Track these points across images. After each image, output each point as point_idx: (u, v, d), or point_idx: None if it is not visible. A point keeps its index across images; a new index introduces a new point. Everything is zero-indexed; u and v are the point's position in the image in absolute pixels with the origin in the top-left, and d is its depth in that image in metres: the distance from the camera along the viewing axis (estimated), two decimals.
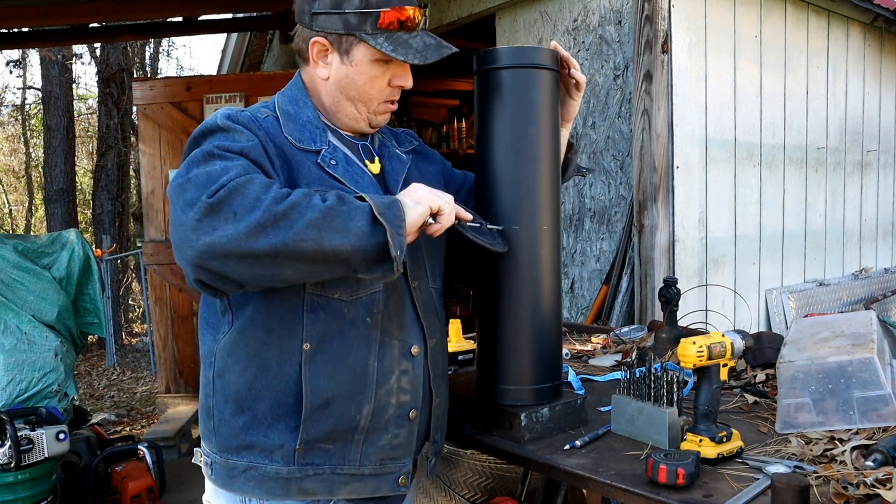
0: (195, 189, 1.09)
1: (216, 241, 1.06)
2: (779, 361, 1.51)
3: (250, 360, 1.27)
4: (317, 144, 1.31)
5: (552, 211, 1.48)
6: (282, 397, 1.26)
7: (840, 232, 4.16)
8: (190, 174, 1.13)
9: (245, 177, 1.10)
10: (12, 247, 3.59)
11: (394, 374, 1.32)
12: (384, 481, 1.33)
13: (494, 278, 1.48)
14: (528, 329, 1.47)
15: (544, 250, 1.47)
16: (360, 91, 1.33)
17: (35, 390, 3.40)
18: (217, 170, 1.12)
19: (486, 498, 2.59)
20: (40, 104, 11.59)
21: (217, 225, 1.06)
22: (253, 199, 1.08)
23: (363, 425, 1.29)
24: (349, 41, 1.30)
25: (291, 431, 1.26)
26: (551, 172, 1.48)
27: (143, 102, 4.86)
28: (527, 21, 3.57)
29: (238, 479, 1.28)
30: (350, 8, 1.27)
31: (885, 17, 4.11)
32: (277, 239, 1.07)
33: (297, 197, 1.11)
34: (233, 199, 1.07)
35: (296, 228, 1.08)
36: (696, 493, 1.19)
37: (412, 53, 1.29)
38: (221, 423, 1.30)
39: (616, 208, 3.23)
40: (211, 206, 1.06)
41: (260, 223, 1.06)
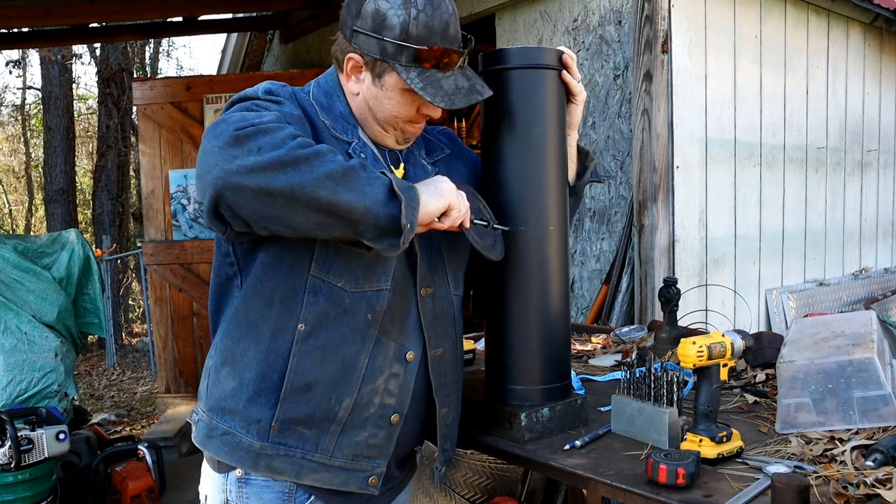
0: (226, 125, 1.11)
1: (234, 168, 1.07)
2: (779, 361, 1.51)
3: (248, 328, 1.29)
4: (348, 136, 1.32)
5: (560, 211, 1.48)
6: (268, 372, 1.27)
7: (840, 232, 4.16)
8: (226, 115, 1.15)
9: (277, 123, 1.12)
10: (12, 247, 3.59)
11: (383, 375, 1.32)
12: (353, 477, 1.33)
13: (503, 278, 1.48)
14: (537, 329, 1.47)
15: (552, 250, 1.46)
16: (387, 114, 1.34)
17: (35, 390, 3.40)
18: (252, 114, 1.14)
19: (486, 498, 2.59)
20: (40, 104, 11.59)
21: (238, 154, 1.08)
22: (279, 140, 1.10)
23: (341, 417, 1.29)
24: (382, 66, 1.30)
25: (270, 408, 1.27)
26: (558, 172, 1.48)
27: (143, 102, 4.86)
28: (527, 21, 3.57)
29: (215, 440, 1.31)
30: (389, 36, 1.27)
31: (885, 17, 4.11)
32: (295, 179, 1.08)
33: (322, 147, 1.12)
34: (259, 137, 1.09)
35: (315, 174, 1.09)
36: (696, 493, 1.19)
37: (440, 96, 1.28)
38: (215, 383, 1.33)
39: (616, 208, 3.23)
40: (237, 137, 1.08)
41: (281, 160, 1.08)
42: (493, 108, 1.47)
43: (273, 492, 1.31)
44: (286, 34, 5.82)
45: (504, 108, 1.45)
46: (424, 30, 1.26)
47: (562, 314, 1.50)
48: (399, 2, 1.26)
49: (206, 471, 1.38)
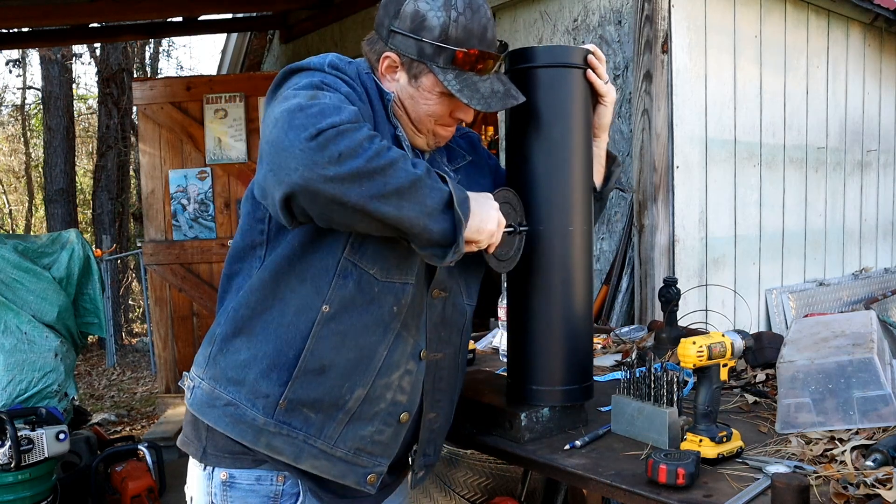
0: (306, 118, 1.09)
1: (314, 178, 1.07)
2: (779, 361, 1.51)
3: (275, 300, 1.27)
4: (392, 122, 1.34)
5: (584, 212, 1.47)
6: (285, 348, 1.26)
7: (840, 232, 4.16)
8: (302, 101, 1.12)
9: (355, 123, 1.11)
10: (12, 247, 3.59)
11: (399, 371, 1.31)
12: (352, 471, 1.32)
13: (526, 280, 1.47)
14: (560, 330, 1.47)
15: (576, 251, 1.46)
16: (420, 115, 1.34)
17: (35, 390, 3.40)
18: (330, 106, 1.11)
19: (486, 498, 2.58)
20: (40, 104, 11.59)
21: (319, 161, 1.07)
22: (357, 144, 1.09)
23: (350, 407, 1.28)
24: (419, 67, 1.30)
25: (281, 385, 1.26)
26: (583, 172, 1.47)
27: (143, 102, 4.86)
28: (527, 21, 3.57)
29: (216, 409, 1.28)
30: (428, 38, 1.27)
31: (885, 17, 4.11)
32: (368, 193, 1.09)
33: (395, 154, 1.12)
34: (340, 140, 1.08)
35: (387, 188, 1.10)
36: (696, 493, 1.19)
37: (476, 99, 1.29)
38: (221, 352, 1.30)
39: (616, 208, 3.23)
40: (319, 141, 1.07)
41: (359, 172, 1.08)
42: (518, 107, 1.46)
43: (258, 496, 1.29)
44: (286, 34, 5.82)
45: (529, 107, 1.44)
46: (463, 32, 1.27)
47: (585, 316, 1.50)
48: (439, 3, 1.26)
49: (193, 471, 1.36)
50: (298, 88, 1.17)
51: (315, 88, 1.17)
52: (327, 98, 1.14)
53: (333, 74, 1.23)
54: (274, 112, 1.13)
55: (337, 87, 1.20)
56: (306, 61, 1.27)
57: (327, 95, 1.15)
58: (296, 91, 1.16)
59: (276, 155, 1.09)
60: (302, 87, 1.18)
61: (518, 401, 1.52)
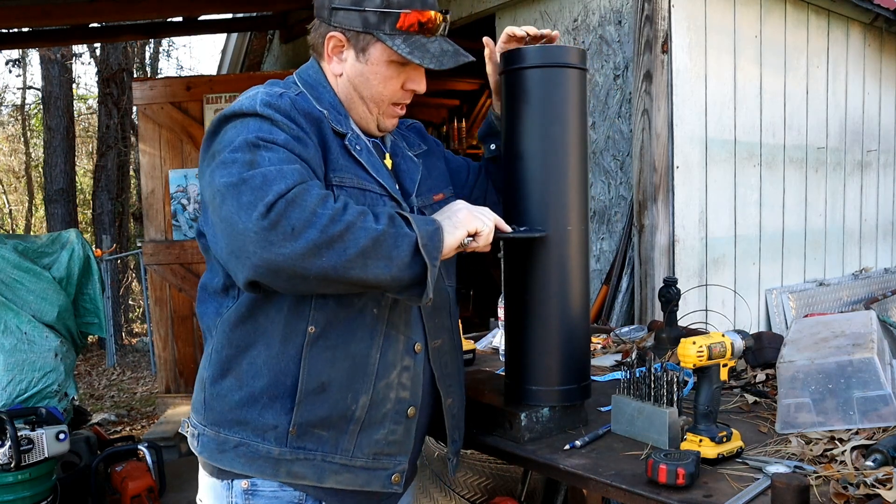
0: (251, 192, 1.08)
1: (272, 258, 1.07)
2: (779, 361, 1.51)
3: (256, 336, 1.27)
4: (342, 127, 1.31)
5: (580, 212, 1.47)
6: (281, 377, 1.25)
7: (840, 232, 4.16)
8: (243, 172, 1.10)
9: (302, 186, 1.09)
10: (12, 247, 3.59)
11: (395, 369, 1.32)
12: (375, 476, 1.32)
13: (523, 280, 1.47)
14: (558, 330, 1.47)
15: (573, 250, 1.46)
16: (373, 91, 1.33)
17: (35, 390, 3.40)
18: (272, 172, 1.09)
19: (486, 498, 2.59)
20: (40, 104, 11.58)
21: (275, 240, 1.06)
22: (310, 212, 1.07)
23: (359, 416, 1.29)
24: (366, 39, 1.29)
25: (287, 413, 1.25)
26: (579, 172, 1.47)
27: (143, 102, 4.86)
28: (527, 21, 3.57)
29: (228, 453, 1.27)
30: (370, 6, 1.27)
31: (885, 17, 4.11)
32: (329, 263, 1.09)
33: (352, 216, 1.10)
34: (290, 212, 1.07)
35: (348, 254, 1.09)
36: (696, 493, 1.19)
37: (428, 58, 1.29)
38: (215, 397, 1.30)
39: (616, 208, 3.23)
40: (270, 220, 1.06)
41: (316, 244, 1.07)
42: (513, 108, 1.47)
43: (282, 502, 1.29)
44: (286, 34, 5.82)
45: (525, 107, 1.44)
46: None
47: (582, 315, 1.50)
48: None
49: (206, 481, 1.35)
50: (235, 150, 1.14)
51: (252, 147, 1.14)
52: (267, 160, 1.12)
53: (268, 117, 1.19)
54: (216, 181, 1.12)
55: (274, 138, 1.16)
56: (238, 105, 1.22)
57: (266, 157, 1.13)
58: (233, 154, 1.13)
59: (233, 239, 1.10)
60: (238, 147, 1.14)
61: (516, 401, 1.52)
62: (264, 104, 1.21)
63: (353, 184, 1.27)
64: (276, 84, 1.32)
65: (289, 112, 1.22)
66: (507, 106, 1.49)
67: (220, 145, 1.19)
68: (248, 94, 1.26)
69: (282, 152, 1.14)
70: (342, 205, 1.11)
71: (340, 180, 1.26)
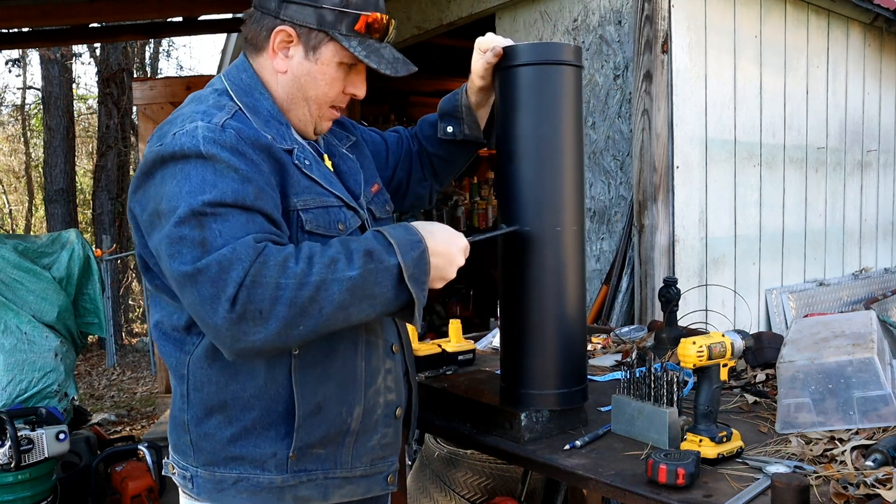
0: (210, 285, 1.04)
1: (249, 346, 1.06)
2: (779, 361, 1.51)
3: (236, 369, 1.22)
4: (287, 142, 1.25)
5: (575, 212, 1.46)
6: (272, 405, 1.22)
7: (840, 232, 4.16)
8: (196, 261, 1.04)
9: (259, 260, 1.04)
10: (12, 247, 3.59)
11: (380, 374, 1.32)
12: (375, 481, 1.33)
13: (517, 282, 1.47)
14: (553, 333, 1.46)
15: (568, 251, 1.45)
16: (318, 91, 1.28)
17: (35, 390, 3.40)
18: (226, 256, 1.03)
19: (486, 498, 2.59)
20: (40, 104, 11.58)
21: (247, 330, 1.04)
22: (273, 287, 1.04)
23: (354, 427, 1.28)
24: (319, 38, 1.24)
25: (283, 439, 1.23)
26: (575, 170, 1.46)
27: (143, 102, 4.86)
28: (527, 21, 3.57)
29: (228, 491, 1.24)
30: (328, 4, 1.22)
31: (885, 17, 4.11)
32: (308, 328, 1.07)
33: (320, 272, 1.06)
34: (254, 296, 1.03)
35: (324, 314, 1.07)
36: (696, 493, 1.19)
37: (384, 63, 1.26)
38: (203, 437, 1.25)
39: (616, 208, 3.23)
40: (237, 313, 1.03)
41: (288, 319, 1.05)
42: (507, 106, 1.45)
43: None
44: None
45: (518, 105, 1.43)
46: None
47: (578, 318, 1.49)
48: None
49: None
50: (181, 222, 1.06)
51: (199, 220, 1.06)
52: (218, 235, 1.05)
53: (211, 157, 1.10)
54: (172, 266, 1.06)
55: (221, 198, 1.07)
56: (177, 144, 1.11)
57: (216, 230, 1.06)
58: (180, 230, 1.06)
59: (205, 326, 1.08)
60: (184, 219, 1.06)
61: (513, 404, 1.52)
62: (207, 141, 1.11)
63: (315, 203, 1.23)
64: (205, 101, 1.22)
65: (235, 146, 1.13)
66: (500, 104, 1.48)
67: (162, 202, 1.10)
68: (185, 120, 1.15)
69: (232, 217, 1.07)
70: (306, 261, 1.06)
71: (304, 203, 1.21)
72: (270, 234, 1.11)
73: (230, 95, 1.25)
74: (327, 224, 1.24)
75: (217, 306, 1.03)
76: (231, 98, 1.24)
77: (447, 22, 4.00)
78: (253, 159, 1.14)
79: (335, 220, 1.25)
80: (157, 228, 1.12)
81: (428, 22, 4.12)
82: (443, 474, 2.56)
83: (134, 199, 1.18)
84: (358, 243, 1.12)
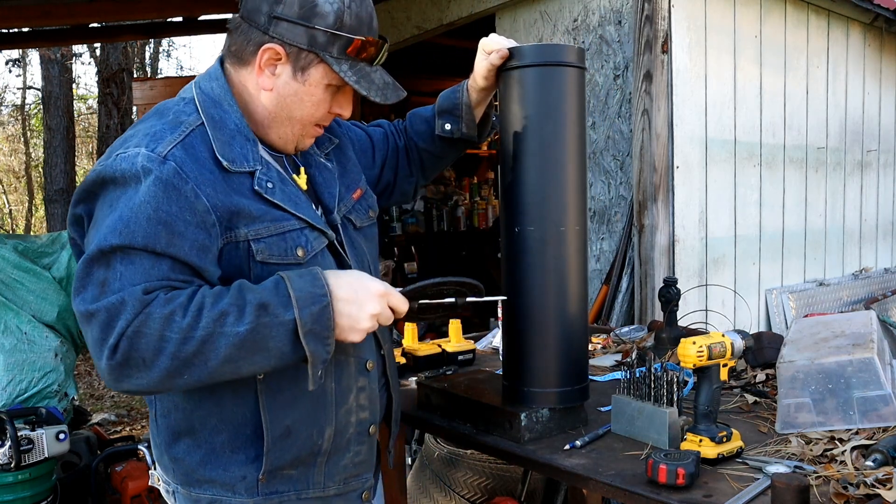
0: (98, 329, 1.04)
1: (132, 388, 1.07)
2: (779, 361, 1.51)
3: (201, 395, 1.21)
4: (250, 163, 1.19)
5: (578, 212, 1.47)
6: (240, 429, 1.22)
7: (840, 232, 4.16)
8: (93, 302, 1.05)
9: (144, 314, 1.03)
10: (12, 247, 3.59)
11: (352, 393, 1.30)
12: (349, 499, 1.33)
13: (520, 281, 1.47)
14: (555, 331, 1.46)
15: (570, 251, 1.45)
16: (304, 112, 1.25)
17: (35, 390, 3.40)
18: (115, 303, 1.03)
19: (486, 498, 2.59)
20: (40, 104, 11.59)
21: (129, 374, 1.05)
22: (157, 339, 1.03)
23: (326, 448, 1.27)
24: (309, 59, 1.20)
25: (252, 462, 1.22)
26: (577, 172, 1.47)
27: (143, 102, 4.87)
28: (527, 21, 3.57)
29: None
30: (321, 25, 1.18)
31: (885, 17, 4.11)
32: (194, 378, 1.07)
33: (207, 327, 1.04)
34: (137, 345, 1.03)
35: (210, 366, 1.06)
36: (696, 493, 1.19)
37: (374, 90, 1.24)
38: (175, 460, 1.26)
39: (616, 208, 3.23)
40: (118, 361, 1.04)
41: (170, 370, 1.05)
42: (510, 107, 1.46)
43: None
44: None
45: (520, 106, 1.43)
46: (356, 20, 1.21)
47: (580, 317, 1.49)
48: None
49: None
50: (94, 259, 1.06)
51: (107, 259, 1.06)
52: (118, 277, 1.05)
53: (138, 191, 1.08)
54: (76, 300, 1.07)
55: (131, 241, 1.06)
56: (119, 171, 1.09)
57: (118, 273, 1.05)
58: (90, 267, 1.06)
59: (95, 362, 1.08)
60: (96, 256, 1.06)
61: (515, 402, 1.52)
62: (145, 171, 1.08)
63: (269, 232, 1.18)
64: (165, 116, 1.18)
65: (170, 180, 1.09)
66: (503, 104, 1.48)
67: (91, 229, 1.11)
68: (135, 141, 1.13)
69: (137, 260, 1.06)
70: (193, 315, 1.05)
71: (256, 233, 1.17)
72: (171, 280, 1.09)
73: (196, 106, 1.21)
74: (282, 252, 1.19)
75: (102, 350, 1.05)
76: (196, 109, 1.20)
77: (447, 22, 4.00)
78: (187, 196, 1.10)
79: (293, 246, 1.20)
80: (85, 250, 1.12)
81: (428, 22, 4.12)
82: (443, 474, 2.56)
83: (78, 208, 1.17)
84: (254, 294, 1.09)
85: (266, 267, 1.17)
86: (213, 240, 1.13)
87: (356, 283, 1.16)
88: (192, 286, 1.10)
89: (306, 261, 1.21)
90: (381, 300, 1.17)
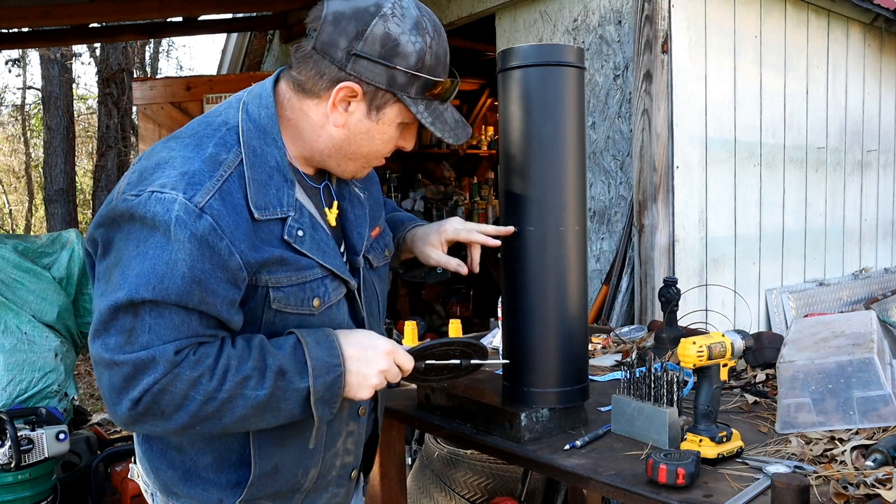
0: (121, 379, 1.04)
1: (144, 430, 1.11)
2: (779, 361, 1.51)
3: None
4: (283, 208, 1.15)
5: (577, 212, 1.47)
6: (225, 454, 1.22)
7: (840, 232, 4.16)
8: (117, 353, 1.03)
9: (172, 373, 1.04)
10: (12, 247, 3.59)
11: (341, 437, 1.30)
12: None
13: (520, 281, 1.47)
14: (555, 331, 1.46)
15: (570, 251, 1.46)
16: (373, 149, 1.23)
17: (35, 390, 3.40)
18: (144, 359, 1.03)
19: (486, 498, 2.59)
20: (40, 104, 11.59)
21: (146, 421, 1.07)
22: (181, 398, 1.06)
23: (307, 486, 1.28)
24: (385, 98, 1.17)
25: (233, 487, 1.22)
26: (577, 172, 1.47)
27: (143, 102, 4.86)
28: (527, 21, 3.57)
29: None
30: (402, 65, 1.13)
31: (885, 17, 4.11)
32: (206, 430, 1.10)
33: (230, 389, 1.07)
34: (160, 400, 1.05)
35: (224, 422, 1.09)
36: (696, 493, 1.19)
37: (448, 130, 1.21)
38: (156, 471, 1.27)
39: (616, 208, 3.23)
40: (138, 412, 1.05)
41: (187, 424, 1.08)
42: (509, 108, 1.46)
43: None
44: (286, 34, 5.81)
45: (520, 107, 1.44)
46: (435, 60, 1.17)
47: (580, 317, 1.49)
48: (409, 25, 1.13)
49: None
50: (118, 307, 1.03)
51: (135, 310, 1.04)
52: (147, 330, 1.04)
53: (174, 241, 1.04)
54: (95, 345, 1.06)
55: (165, 296, 1.03)
56: (151, 213, 1.04)
57: (147, 325, 1.04)
58: (114, 315, 1.04)
59: (106, 408, 1.09)
60: (122, 305, 1.03)
61: (515, 402, 1.52)
62: (179, 223, 1.04)
63: (290, 281, 1.17)
64: (204, 147, 1.13)
65: (206, 237, 1.05)
66: (502, 105, 1.49)
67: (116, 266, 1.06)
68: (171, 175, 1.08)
69: (167, 315, 1.05)
70: (219, 378, 1.06)
71: (277, 281, 1.15)
72: (199, 336, 1.09)
73: (238, 135, 1.16)
74: (299, 302, 1.18)
75: (122, 399, 1.05)
76: (238, 141, 1.15)
77: (447, 22, 4.00)
78: (221, 253, 1.06)
79: (310, 297, 1.19)
80: (103, 280, 1.09)
81: None
82: (443, 474, 2.56)
83: (98, 231, 1.12)
84: (274, 359, 1.10)
85: (280, 315, 1.17)
86: (240, 293, 1.13)
87: (365, 340, 1.19)
88: (218, 340, 1.12)
89: (320, 312, 1.21)
90: (388, 357, 1.19)
